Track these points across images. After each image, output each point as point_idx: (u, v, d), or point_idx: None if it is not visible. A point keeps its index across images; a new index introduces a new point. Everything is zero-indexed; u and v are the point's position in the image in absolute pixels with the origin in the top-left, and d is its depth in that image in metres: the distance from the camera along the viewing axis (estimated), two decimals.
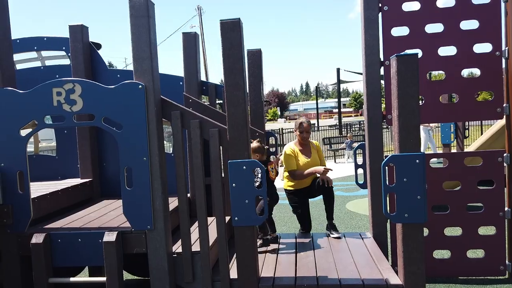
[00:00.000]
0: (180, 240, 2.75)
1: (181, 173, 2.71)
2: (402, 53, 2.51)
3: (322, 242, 3.54)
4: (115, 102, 2.62)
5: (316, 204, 5.86)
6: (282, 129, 15.78)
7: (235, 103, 2.57)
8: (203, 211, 2.70)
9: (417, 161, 2.40)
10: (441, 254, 3.83)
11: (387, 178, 2.46)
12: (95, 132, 3.84)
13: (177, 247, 2.83)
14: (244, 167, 2.55)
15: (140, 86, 2.60)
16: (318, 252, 3.24)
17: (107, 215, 3.15)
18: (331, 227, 3.72)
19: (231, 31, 2.53)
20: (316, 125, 28.19)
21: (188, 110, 2.77)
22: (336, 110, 26.78)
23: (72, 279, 2.80)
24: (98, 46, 3.90)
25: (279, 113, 77.68)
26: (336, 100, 26.35)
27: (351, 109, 77.84)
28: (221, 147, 2.74)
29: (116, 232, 2.65)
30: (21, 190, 2.73)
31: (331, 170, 3.78)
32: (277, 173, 3.49)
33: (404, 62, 2.43)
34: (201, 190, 2.70)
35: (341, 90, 28.36)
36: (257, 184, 2.74)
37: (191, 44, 3.68)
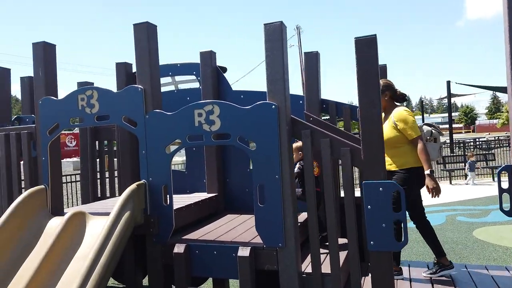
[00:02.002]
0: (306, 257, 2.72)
1: (310, 190, 2.69)
2: None
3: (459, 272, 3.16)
4: (249, 122, 2.74)
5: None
6: None
7: (371, 121, 2.48)
8: (333, 232, 2.63)
9: None
10: None
11: None
12: (220, 150, 4.09)
13: (305, 267, 2.79)
14: (380, 188, 2.43)
15: (273, 106, 2.68)
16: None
17: (235, 229, 3.28)
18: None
19: (367, 48, 2.47)
20: None
21: (318, 129, 2.76)
22: (443, 126, 24.44)
23: None
24: (224, 69, 4.18)
25: None
26: (442, 115, 24.23)
27: (461, 125, 70.49)
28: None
29: (250, 247, 2.73)
30: (165, 203, 3.01)
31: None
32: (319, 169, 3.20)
33: None
34: (332, 209, 2.64)
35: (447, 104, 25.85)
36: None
37: (312, 63, 3.71)
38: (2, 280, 2.78)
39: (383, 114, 3.23)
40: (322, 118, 3.84)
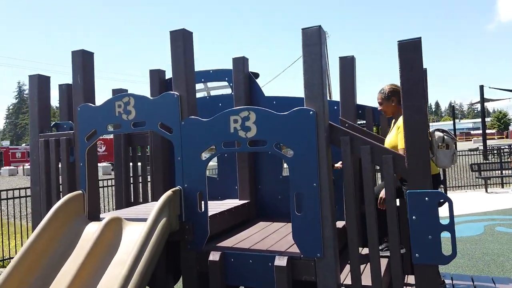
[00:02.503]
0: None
1: (351, 200, 2.60)
2: None
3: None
4: (286, 128, 2.69)
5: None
6: None
7: (416, 128, 2.38)
8: (375, 242, 2.53)
9: None
10: None
11: None
12: (252, 157, 4.05)
13: (344, 278, 2.70)
14: (426, 198, 2.32)
15: (311, 112, 2.62)
16: None
17: (269, 237, 3.22)
18: None
19: (411, 52, 2.37)
20: None
21: (358, 135, 2.67)
22: (475, 132, 23.51)
23: None
24: (256, 75, 4.16)
25: None
26: (473, 120, 23.33)
27: (493, 131, 67.76)
28: None
29: (287, 257, 2.67)
30: (200, 209, 2.99)
31: None
32: None
33: None
34: (374, 218, 2.54)
35: (479, 109, 24.90)
36: None
37: (348, 68, 3.63)
38: (42, 285, 2.83)
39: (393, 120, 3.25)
40: (358, 124, 3.74)
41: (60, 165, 3.70)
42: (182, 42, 3.05)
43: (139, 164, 4.68)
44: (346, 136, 2.64)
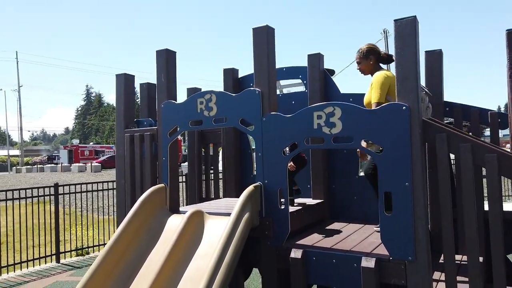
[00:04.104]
0: None
1: (447, 202, 2.43)
2: None
3: None
4: (376, 124, 2.57)
5: None
6: None
7: None
8: (475, 250, 2.34)
9: None
10: None
11: None
12: (326, 156, 3.97)
13: (435, 285, 2.52)
14: None
15: (404, 107, 2.49)
16: None
17: (349, 238, 3.12)
18: None
19: None
20: None
21: (456, 133, 2.49)
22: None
23: None
24: (332, 72, 4.07)
25: None
26: None
27: None
28: None
29: (374, 258, 2.55)
30: (281, 206, 2.96)
31: None
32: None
33: None
34: (474, 225, 2.34)
35: None
36: None
37: (435, 62, 3.41)
38: (130, 274, 2.96)
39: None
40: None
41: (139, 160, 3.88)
42: (265, 39, 3.05)
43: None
44: (443, 133, 2.47)
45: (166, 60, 3.56)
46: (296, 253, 2.82)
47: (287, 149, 3.10)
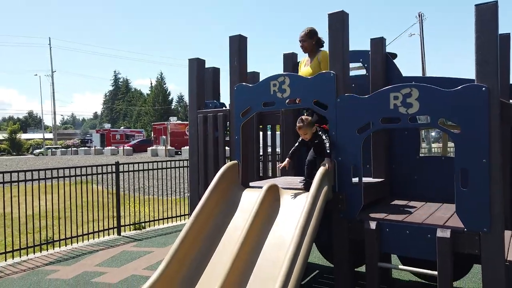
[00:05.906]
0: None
1: None
2: None
3: None
4: (454, 105, 2.73)
5: None
6: None
7: None
8: None
9: None
10: None
11: None
12: (387, 136, 4.13)
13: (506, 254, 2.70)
14: None
15: (483, 88, 2.63)
16: None
17: (416, 213, 3.30)
18: None
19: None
20: None
21: None
22: None
23: (401, 266, 3.07)
24: (394, 56, 4.19)
25: None
26: None
27: None
28: None
29: (449, 229, 2.74)
30: (354, 182, 3.18)
31: None
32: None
33: None
34: None
35: None
36: None
37: (503, 45, 3.49)
38: (210, 246, 3.23)
39: (307, 56, 4.03)
40: None
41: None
42: (341, 23, 3.22)
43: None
44: None
45: (239, 45, 3.79)
46: (371, 225, 3.04)
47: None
